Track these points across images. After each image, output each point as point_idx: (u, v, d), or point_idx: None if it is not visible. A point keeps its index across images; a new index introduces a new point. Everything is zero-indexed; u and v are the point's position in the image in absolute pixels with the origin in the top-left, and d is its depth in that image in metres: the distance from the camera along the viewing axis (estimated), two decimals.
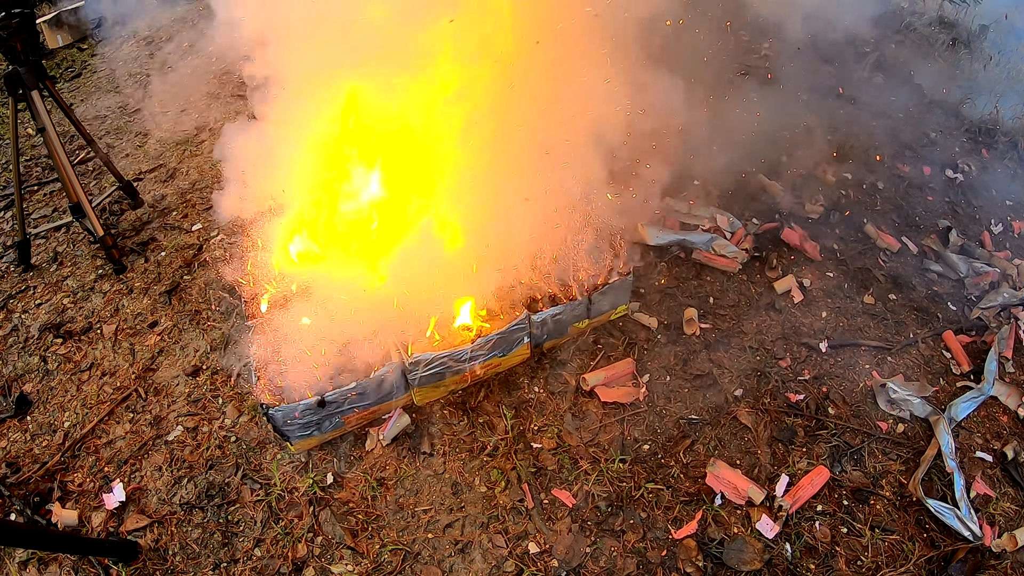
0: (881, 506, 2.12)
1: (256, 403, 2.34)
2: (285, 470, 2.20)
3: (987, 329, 2.76)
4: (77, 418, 2.44)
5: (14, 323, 2.86)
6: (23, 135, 4.16)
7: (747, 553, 1.97)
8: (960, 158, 3.82)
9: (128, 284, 2.99)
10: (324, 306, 2.21)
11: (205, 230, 3.27)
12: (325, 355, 2.14)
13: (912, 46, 4.51)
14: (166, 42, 5.37)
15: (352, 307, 2.19)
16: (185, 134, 4.12)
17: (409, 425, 2.28)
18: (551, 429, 2.28)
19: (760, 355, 2.57)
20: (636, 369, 2.48)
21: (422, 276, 2.23)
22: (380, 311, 2.20)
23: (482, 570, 1.96)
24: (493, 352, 2.30)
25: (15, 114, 2.79)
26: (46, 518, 2.13)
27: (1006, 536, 2.04)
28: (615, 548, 2.00)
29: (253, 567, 1.99)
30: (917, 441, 2.31)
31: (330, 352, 2.14)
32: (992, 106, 4.03)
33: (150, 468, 2.26)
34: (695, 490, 2.14)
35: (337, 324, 2.18)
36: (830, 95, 4.14)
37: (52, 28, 5.63)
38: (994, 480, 2.23)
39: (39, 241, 3.31)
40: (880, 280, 2.97)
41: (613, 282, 2.45)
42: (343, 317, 2.18)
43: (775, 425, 2.33)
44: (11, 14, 2.51)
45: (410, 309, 2.21)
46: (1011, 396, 2.47)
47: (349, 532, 2.04)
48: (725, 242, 2.95)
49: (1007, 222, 3.44)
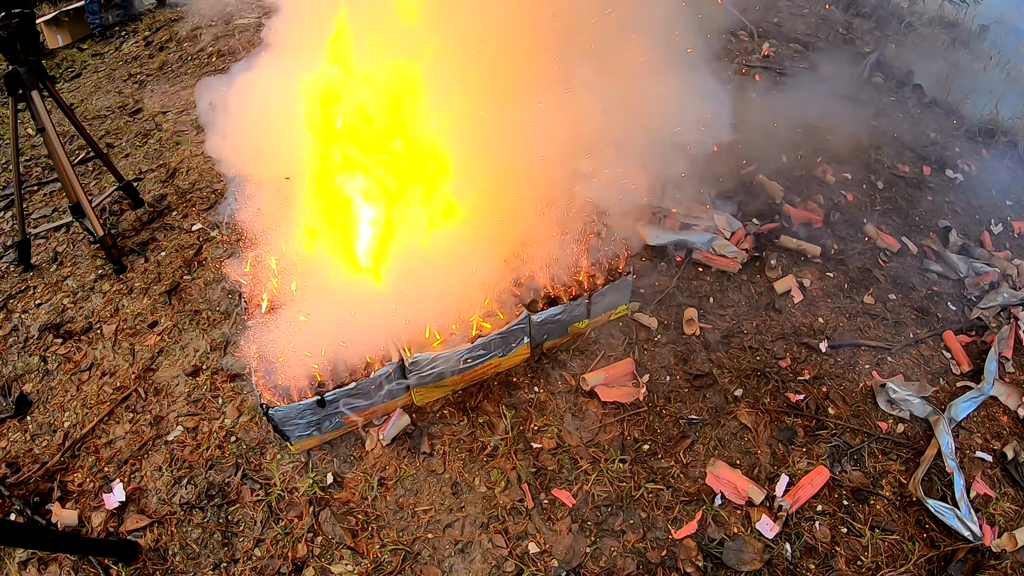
0: (881, 506, 2.12)
1: (256, 403, 2.34)
2: (285, 470, 2.20)
3: (987, 329, 2.76)
4: (77, 418, 2.44)
5: (14, 323, 2.86)
6: (23, 135, 4.16)
7: (747, 553, 1.97)
8: (960, 158, 3.83)
9: (128, 284, 2.99)
10: (324, 306, 2.21)
11: (205, 230, 3.27)
12: (325, 355, 2.13)
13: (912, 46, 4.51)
14: (167, 42, 5.37)
15: (352, 307, 2.19)
16: (185, 134, 4.12)
17: (409, 425, 2.28)
18: (551, 429, 2.28)
19: (760, 355, 2.57)
20: (636, 369, 2.48)
21: (422, 276, 2.23)
22: (380, 311, 2.20)
23: (482, 570, 1.96)
24: (493, 352, 2.30)
25: (15, 114, 2.79)
26: (46, 518, 2.13)
27: (1006, 536, 2.04)
28: (615, 548, 2.00)
29: (253, 567, 1.99)
30: (917, 441, 2.31)
31: (330, 352, 2.14)
32: (992, 106, 4.03)
33: (150, 468, 2.26)
34: (695, 490, 2.14)
35: (337, 324, 2.18)
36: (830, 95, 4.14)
37: (52, 28, 5.63)
38: (994, 480, 2.23)
39: (39, 241, 3.31)
40: (880, 280, 2.97)
41: (613, 282, 2.45)
42: (343, 317, 2.18)
43: (775, 425, 2.33)
44: (11, 14, 2.51)
45: (410, 309, 2.21)
46: (1011, 396, 2.47)
47: (349, 532, 2.04)
48: (725, 242, 2.95)
49: (1007, 222, 3.45)
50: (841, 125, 3.88)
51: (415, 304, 2.22)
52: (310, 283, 2.33)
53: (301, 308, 2.23)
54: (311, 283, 2.33)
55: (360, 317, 2.18)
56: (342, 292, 2.23)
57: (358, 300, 2.20)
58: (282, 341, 2.16)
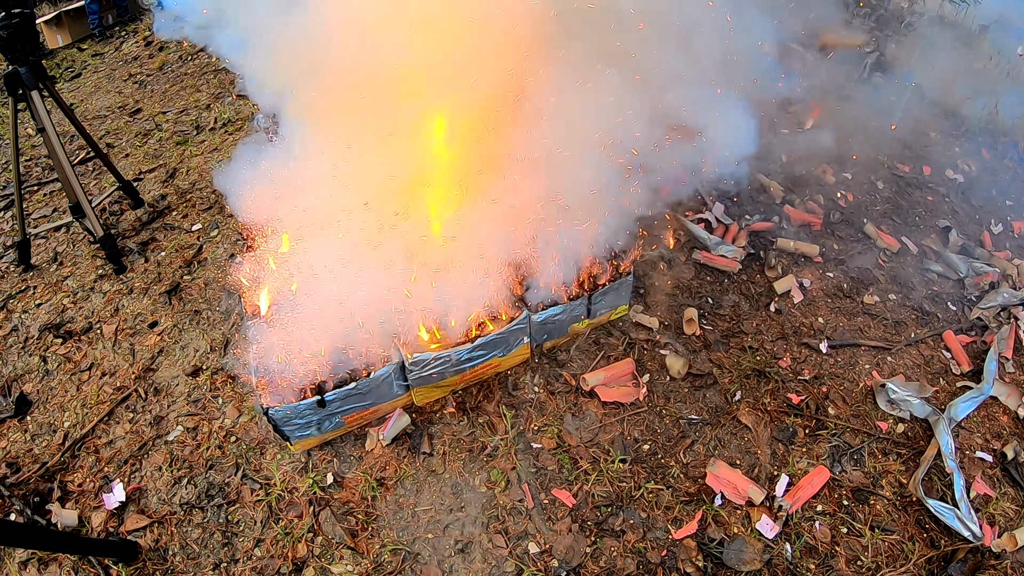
0: (881, 506, 2.12)
1: (256, 403, 2.33)
2: (285, 470, 2.20)
3: (987, 329, 2.76)
4: (77, 418, 2.44)
5: (14, 323, 2.86)
6: (23, 135, 4.16)
7: (747, 553, 1.97)
8: (960, 158, 3.83)
9: (128, 284, 2.99)
10: (324, 306, 2.21)
11: (205, 230, 3.27)
12: (325, 355, 2.13)
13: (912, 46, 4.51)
14: (167, 42, 5.37)
15: (352, 307, 2.19)
16: (185, 134, 4.12)
17: (409, 425, 2.28)
18: (551, 429, 2.28)
19: (760, 355, 2.57)
20: (636, 369, 2.48)
21: (422, 276, 2.23)
22: (381, 311, 2.19)
23: (482, 570, 1.96)
24: (493, 352, 2.30)
25: (15, 114, 2.79)
26: (46, 518, 2.13)
27: (1006, 536, 2.04)
28: (615, 548, 2.00)
29: (253, 567, 1.99)
30: (917, 441, 2.31)
31: (330, 352, 2.14)
32: (992, 106, 4.03)
33: (150, 468, 2.26)
34: (695, 490, 2.14)
35: (337, 324, 2.17)
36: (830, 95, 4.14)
37: (52, 28, 5.63)
38: (994, 480, 2.23)
39: (39, 241, 3.31)
40: (880, 280, 2.97)
41: (613, 282, 2.45)
42: (343, 317, 2.18)
43: (775, 425, 2.33)
44: (11, 14, 2.51)
45: (411, 308, 2.21)
46: (1011, 396, 2.47)
47: (349, 532, 2.04)
48: (725, 243, 2.95)
49: (1007, 222, 3.44)
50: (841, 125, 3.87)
51: (415, 304, 2.22)
52: (310, 283, 2.33)
53: (301, 308, 2.23)
54: (311, 283, 2.33)
55: (361, 317, 2.18)
56: (342, 292, 2.23)
57: (359, 300, 2.20)
58: (282, 341, 2.16)
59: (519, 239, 2.37)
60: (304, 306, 2.23)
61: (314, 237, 2.39)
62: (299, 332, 2.16)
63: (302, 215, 2.40)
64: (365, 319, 2.18)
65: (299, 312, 2.22)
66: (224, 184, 2.51)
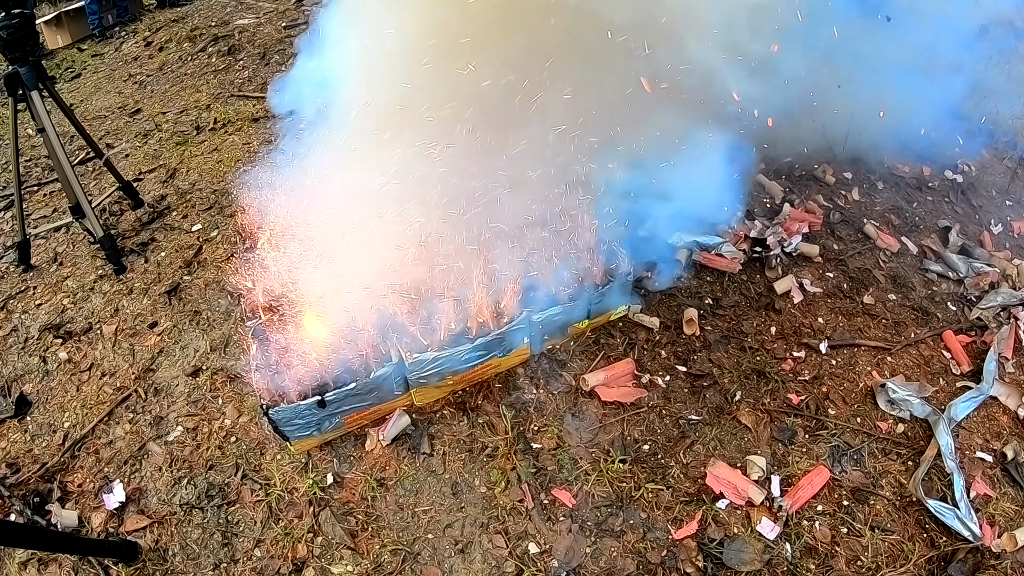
0: (881, 506, 2.12)
1: (256, 403, 2.33)
2: (285, 470, 2.20)
3: (987, 329, 2.76)
4: (77, 418, 2.44)
5: (14, 323, 2.86)
6: (23, 135, 4.15)
7: (747, 553, 1.97)
8: (960, 158, 3.82)
9: (128, 284, 2.99)
10: (324, 306, 2.21)
11: (205, 230, 3.27)
12: (325, 355, 2.13)
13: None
14: (167, 42, 5.37)
15: (352, 307, 2.19)
16: (185, 134, 4.12)
17: (409, 425, 2.28)
18: (551, 429, 2.28)
19: (760, 355, 2.57)
20: (636, 369, 2.48)
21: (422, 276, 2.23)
22: (381, 311, 2.19)
23: (482, 570, 1.96)
24: (493, 352, 2.29)
25: (15, 114, 2.79)
26: (46, 518, 2.12)
27: (1006, 536, 2.04)
28: (615, 548, 2.00)
29: (253, 567, 1.99)
30: (917, 441, 2.31)
31: (330, 352, 2.14)
32: (992, 106, 4.03)
33: (150, 468, 2.26)
34: (695, 490, 2.14)
35: (337, 324, 2.17)
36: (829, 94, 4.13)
37: (52, 28, 5.63)
38: (994, 480, 2.23)
39: (39, 241, 3.31)
40: (880, 280, 2.96)
41: (613, 282, 2.45)
42: (343, 317, 2.18)
43: (775, 425, 2.33)
44: (11, 14, 2.51)
45: (411, 308, 2.21)
46: (1011, 396, 2.47)
47: (349, 532, 2.04)
48: (725, 243, 2.95)
49: (1007, 222, 3.44)
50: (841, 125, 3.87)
51: (415, 304, 2.22)
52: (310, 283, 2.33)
53: (301, 308, 2.23)
54: (311, 283, 2.33)
55: (361, 317, 2.18)
56: (342, 292, 2.23)
57: (358, 300, 2.20)
58: (282, 341, 2.16)
59: (520, 241, 2.38)
60: (304, 305, 2.24)
61: (315, 238, 2.40)
62: (299, 332, 2.17)
63: (304, 216, 2.40)
64: (365, 319, 2.18)
65: (299, 311, 2.23)
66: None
